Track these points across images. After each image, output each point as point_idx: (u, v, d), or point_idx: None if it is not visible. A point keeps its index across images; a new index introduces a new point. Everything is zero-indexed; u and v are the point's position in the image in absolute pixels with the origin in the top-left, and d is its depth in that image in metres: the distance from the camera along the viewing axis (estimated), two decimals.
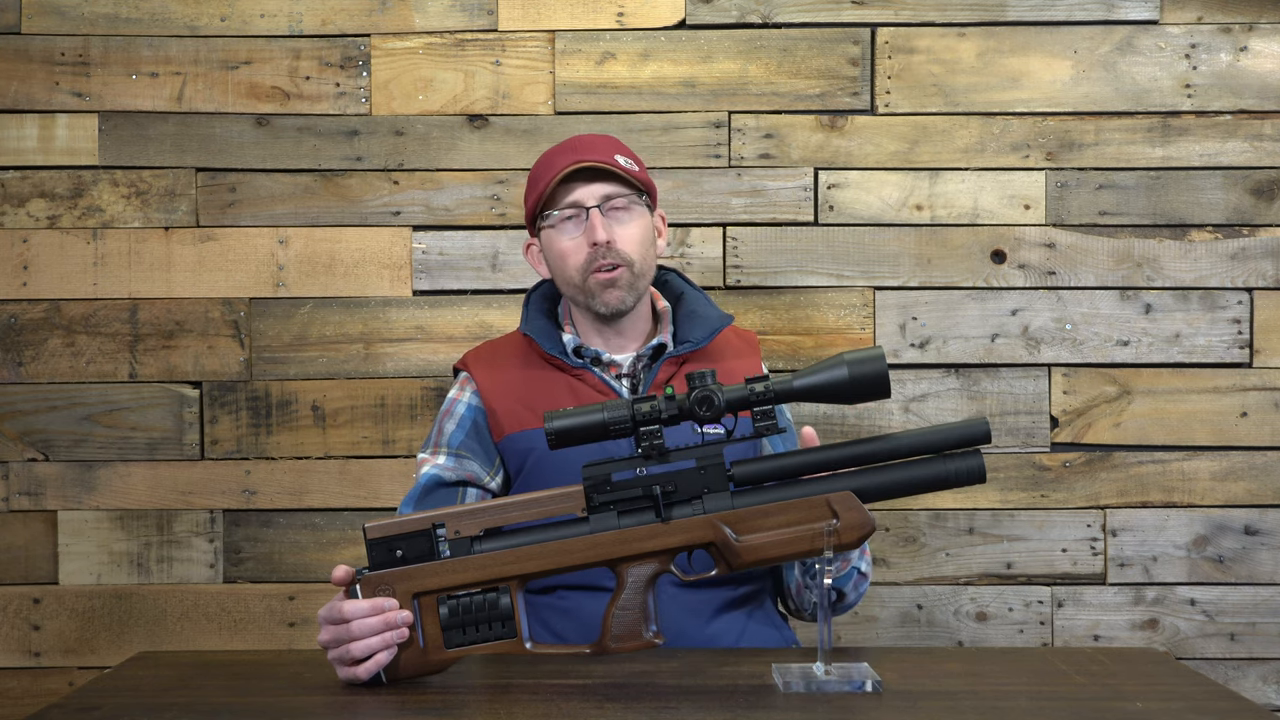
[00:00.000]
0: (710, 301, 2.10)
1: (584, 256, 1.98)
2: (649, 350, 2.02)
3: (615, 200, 1.99)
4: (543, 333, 2.03)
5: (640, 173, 2.02)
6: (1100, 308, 2.58)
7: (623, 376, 2.02)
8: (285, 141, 2.59)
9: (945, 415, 2.57)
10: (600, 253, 1.96)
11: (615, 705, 1.51)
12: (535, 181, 2.03)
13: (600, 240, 1.96)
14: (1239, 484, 2.57)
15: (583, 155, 1.98)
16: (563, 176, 1.98)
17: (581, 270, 1.98)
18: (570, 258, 1.99)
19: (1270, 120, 2.57)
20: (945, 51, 2.58)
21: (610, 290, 1.97)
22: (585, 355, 2.02)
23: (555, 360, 2.00)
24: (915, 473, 1.61)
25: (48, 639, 2.58)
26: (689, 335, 2.02)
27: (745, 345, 2.09)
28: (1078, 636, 2.57)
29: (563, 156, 2.01)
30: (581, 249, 1.98)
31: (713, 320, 2.04)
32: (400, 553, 1.62)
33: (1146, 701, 1.53)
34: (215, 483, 2.58)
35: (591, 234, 1.96)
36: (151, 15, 2.59)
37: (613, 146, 2.03)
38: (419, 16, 2.59)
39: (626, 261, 1.97)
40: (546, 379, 2.00)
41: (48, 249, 2.59)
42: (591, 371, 2.00)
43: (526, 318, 2.08)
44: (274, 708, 1.56)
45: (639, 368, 2.02)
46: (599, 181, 1.98)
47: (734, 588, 1.95)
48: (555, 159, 2.02)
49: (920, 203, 2.58)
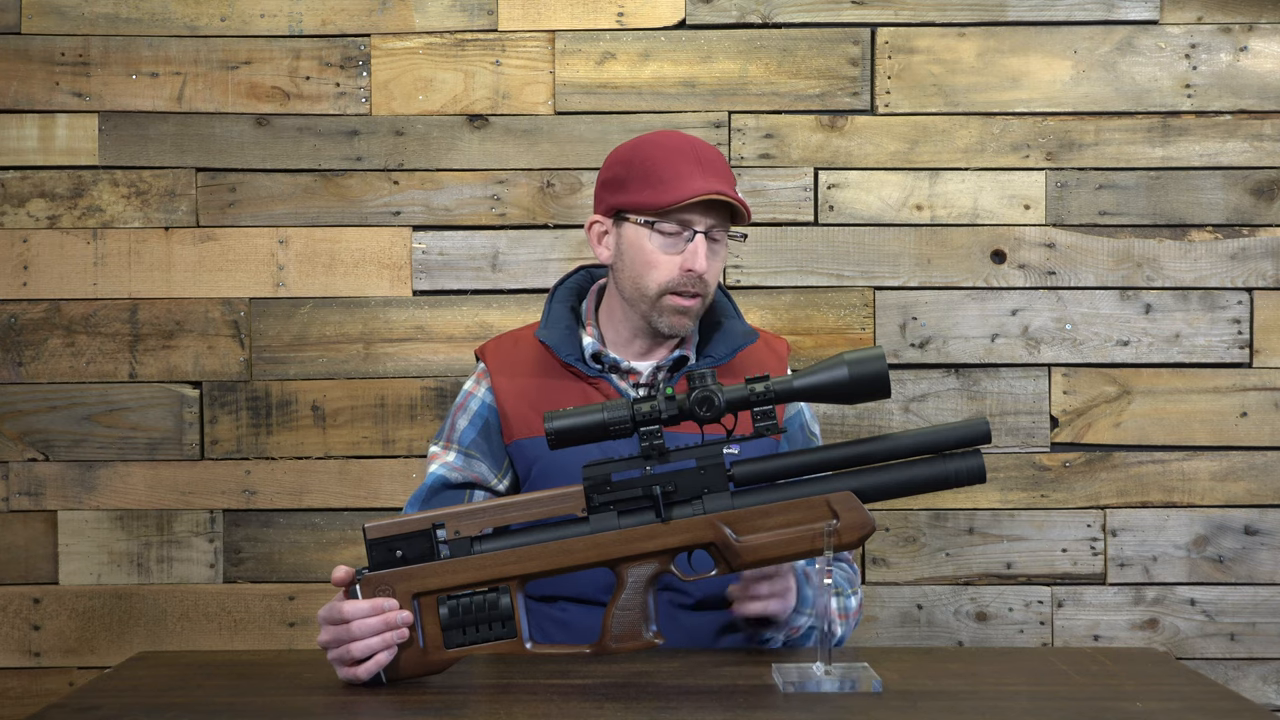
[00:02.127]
0: (738, 313, 2.06)
1: (672, 276, 1.91)
2: (669, 361, 1.99)
3: (717, 230, 1.93)
4: (561, 338, 1.99)
5: (749, 207, 1.94)
6: (1100, 308, 2.58)
7: (641, 386, 1.99)
8: (285, 141, 2.59)
9: (945, 415, 2.57)
10: (691, 280, 1.91)
11: (615, 705, 1.51)
12: (648, 176, 1.92)
13: (700, 269, 1.91)
14: (1239, 484, 2.57)
15: (714, 183, 1.90)
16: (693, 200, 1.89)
17: (663, 287, 1.92)
18: (658, 270, 1.92)
19: (1270, 120, 2.58)
20: (945, 51, 2.58)
21: (681, 317, 1.93)
22: (604, 362, 1.99)
23: (573, 368, 1.98)
24: (915, 473, 1.61)
25: (48, 639, 2.58)
26: (712, 350, 1.99)
27: (772, 357, 2.05)
28: (1078, 636, 2.57)
29: (691, 169, 1.91)
30: (673, 268, 1.91)
31: (736, 337, 2.00)
32: (400, 553, 1.62)
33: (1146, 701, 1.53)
34: (215, 483, 2.58)
35: (692, 260, 1.90)
36: (151, 15, 2.59)
37: (730, 174, 1.96)
38: (419, 16, 2.59)
39: (705, 294, 1.94)
40: (561, 386, 1.97)
41: (48, 249, 2.59)
42: (608, 380, 1.97)
43: (547, 321, 2.02)
44: (274, 708, 1.56)
45: (659, 378, 1.99)
46: (715, 208, 1.92)
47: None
48: (680, 166, 1.91)
49: (920, 203, 2.58)
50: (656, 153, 1.93)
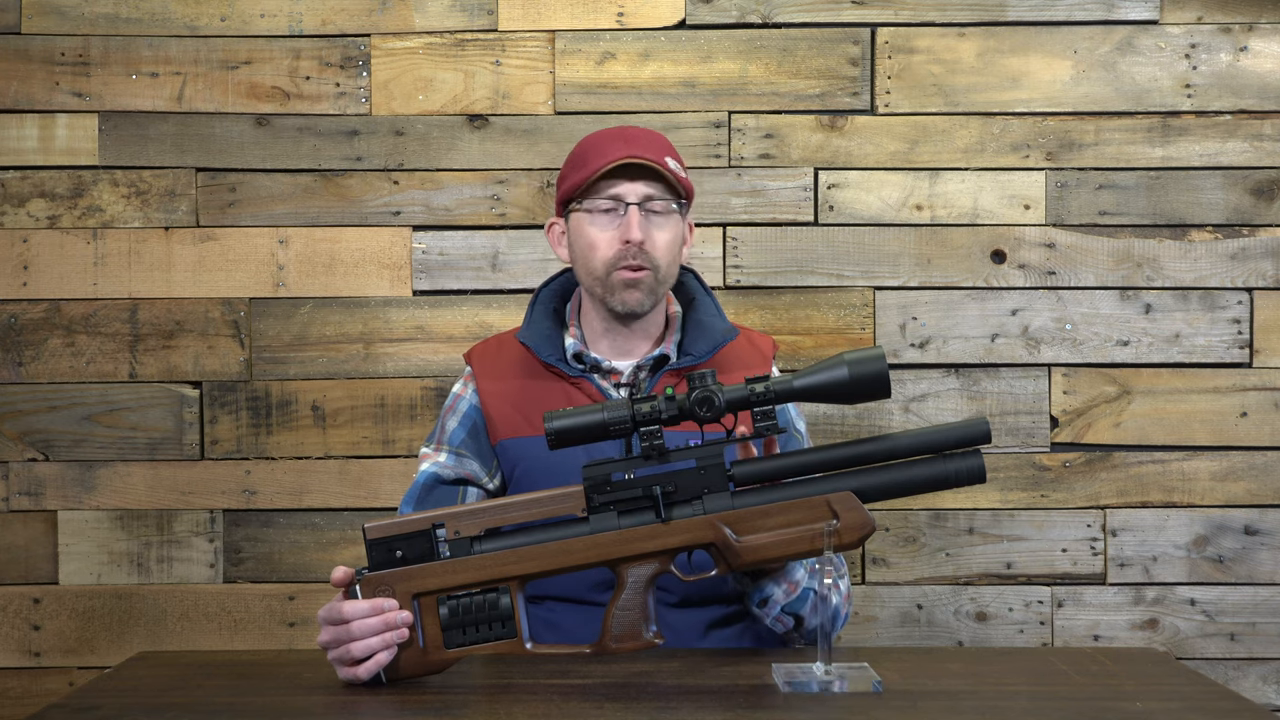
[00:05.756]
0: (719, 311, 2.07)
1: (614, 251, 1.95)
2: (650, 360, 2.00)
3: (656, 202, 1.96)
4: (542, 339, 2.01)
5: (686, 179, 1.99)
6: (1100, 308, 2.58)
7: (622, 385, 2.00)
8: (285, 141, 2.59)
9: (945, 415, 2.57)
10: (631, 251, 1.93)
11: (615, 705, 1.51)
12: (579, 163, 1.99)
13: (635, 239, 1.93)
14: (1239, 484, 2.57)
15: (636, 150, 1.95)
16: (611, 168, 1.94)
17: (608, 264, 1.95)
18: (599, 249, 1.96)
19: (1270, 120, 2.57)
20: (945, 51, 2.58)
21: (631, 291, 1.95)
22: (585, 362, 2.00)
23: (554, 368, 1.99)
24: (915, 473, 1.61)
25: (48, 639, 2.58)
26: (693, 347, 2.00)
27: (756, 355, 2.06)
28: (1078, 636, 2.57)
29: (614, 145, 1.96)
30: (613, 243, 1.95)
31: (716, 334, 2.01)
32: (400, 553, 1.62)
33: (1146, 701, 1.53)
34: (215, 483, 2.58)
35: (627, 231, 1.93)
36: (151, 15, 2.59)
37: (665, 147, 1.99)
38: (419, 16, 2.59)
39: (653, 265, 1.95)
40: (544, 387, 1.98)
41: (48, 249, 2.59)
42: (590, 380, 1.98)
43: (528, 321, 2.06)
44: (274, 708, 1.56)
45: (640, 377, 2.00)
46: (644, 179, 1.95)
47: (725, 605, 1.94)
48: (606, 146, 1.97)
49: (920, 203, 2.58)
50: (588, 140, 2.02)
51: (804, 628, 1.86)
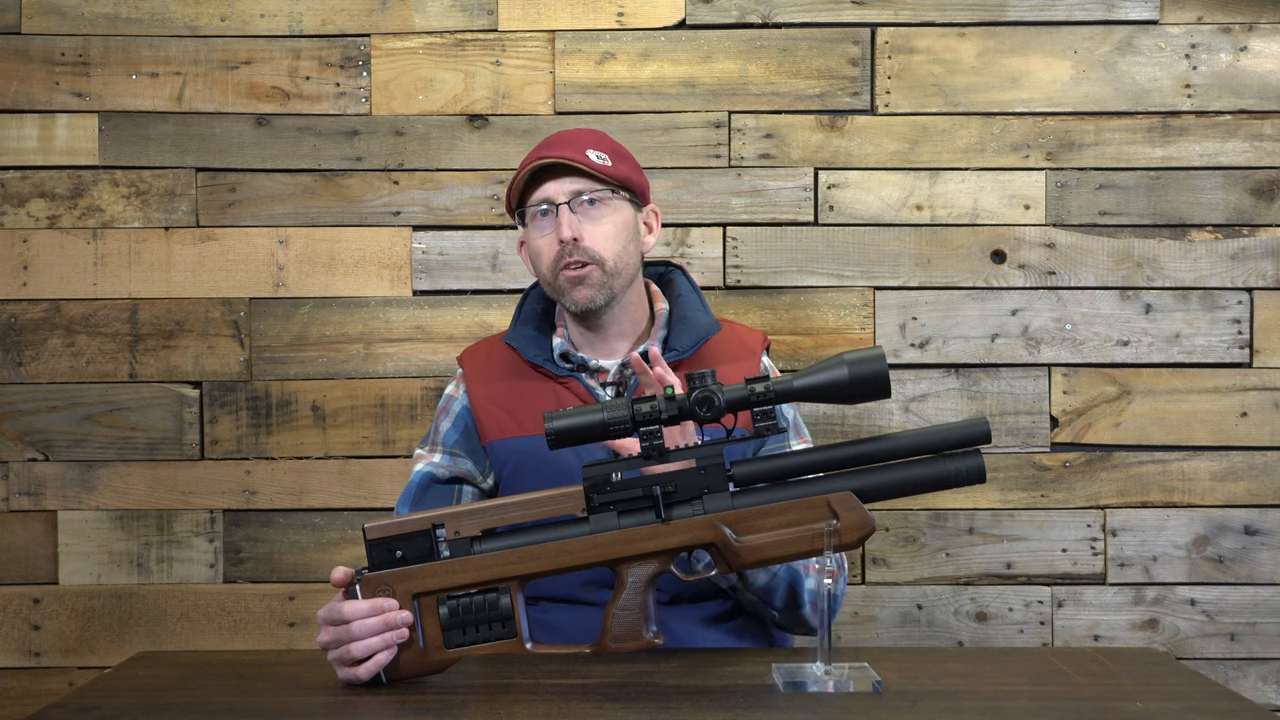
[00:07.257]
0: (704, 306, 2.07)
1: (554, 254, 1.96)
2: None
3: (585, 196, 1.96)
4: (528, 339, 2.02)
5: (614, 168, 1.97)
6: (1100, 308, 2.58)
7: (609, 385, 2.00)
8: (285, 141, 2.59)
9: (945, 415, 2.57)
10: (568, 250, 1.94)
11: (615, 705, 1.51)
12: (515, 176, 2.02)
13: (565, 237, 1.93)
14: (1239, 484, 2.57)
15: (554, 151, 1.96)
16: (533, 172, 1.96)
17: (552, 268, 1.96)
18: (543, 255, 1.97)
19: (1270, 120, 2.57)
20: (945, 51, 2.58)
21: (579, 288, 1.95)
22: (573, 361, 2.01)
23: (541, 368, 2.00)
24: (915, 473, 1.61)
25: (48, 639, 2.58)
26: (676, 342, 2.00)
27: (743, 349, 2.05)
28: (1078, 636, 2.57)
29: (538, 153, 1.99)
30: (553, 246, 1.96)
31: (700, 329, 2.01)
32: (400, 553, 1.62)
33: (1146, 701, 1.53)
34: (215, 483, 2.58)
35: (558, 231, 1.95)
36: (151, 15, 2.59)
37: (588, 141, 1.99)
38: (419, 16, 2.59)
39: (596, 260, 1.94)
40: (532, 388, 1.99)
41: (48, 249, 2.59)
42: (577, 379, 1.98)
43: (515, 322, 2.07)
44: (274, 708, 1.56)
45: (626, 374, 2.00)
46: (570, 177, 1.96)
47: (721, 602, 1.94)
48: (532, 154, 2.00)
49: (920, 203, 2.58)
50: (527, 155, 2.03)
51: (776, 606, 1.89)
